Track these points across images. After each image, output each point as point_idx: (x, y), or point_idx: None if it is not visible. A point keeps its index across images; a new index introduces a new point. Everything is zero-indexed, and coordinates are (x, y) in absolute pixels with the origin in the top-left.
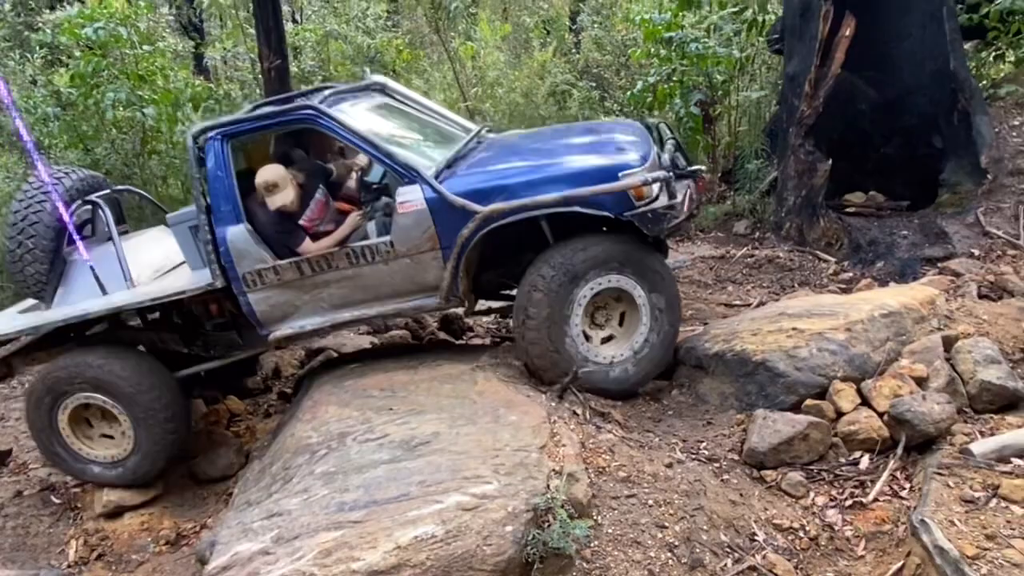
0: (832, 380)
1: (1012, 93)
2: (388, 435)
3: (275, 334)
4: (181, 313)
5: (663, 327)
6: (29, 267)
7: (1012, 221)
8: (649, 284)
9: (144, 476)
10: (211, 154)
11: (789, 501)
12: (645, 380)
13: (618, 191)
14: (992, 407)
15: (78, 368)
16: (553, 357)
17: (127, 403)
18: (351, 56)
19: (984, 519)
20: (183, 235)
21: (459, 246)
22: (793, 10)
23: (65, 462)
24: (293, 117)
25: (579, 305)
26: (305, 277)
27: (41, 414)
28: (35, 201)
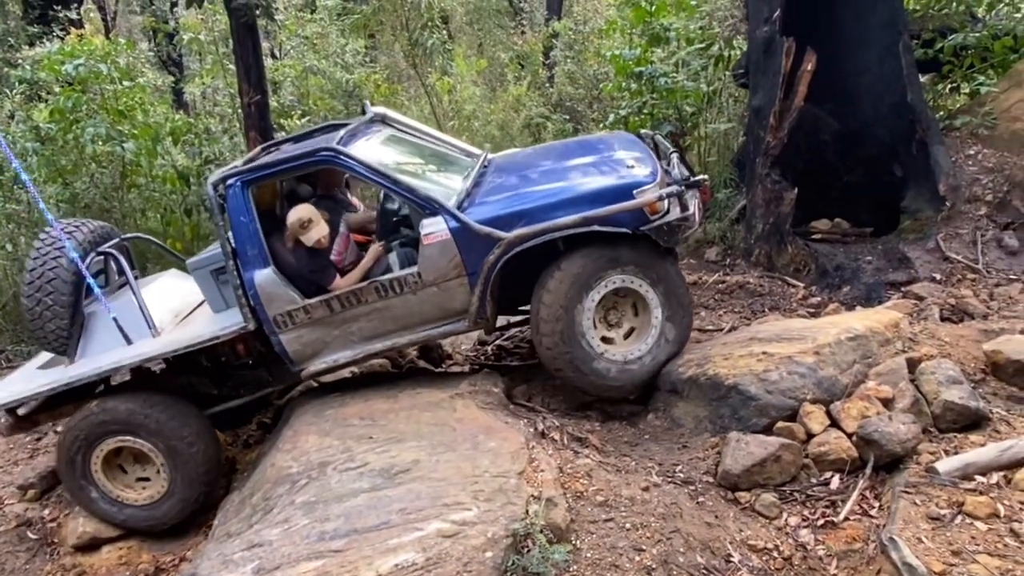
0: (802, 402)
1: (967, 124)
2: (368, 463)
3: (308, 370)
4: (209, 357)
5: (674, 321)
6: (50, 323)
7: (971, 246)
8: (655, 281)
9: (177, 517)
10: (232, 200)
11: (763, 522)
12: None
13: (635, 209)
14: (956, 426)
15: (111, 414)
16: (567, 357)
17: (162, 445)
18: (330, 91)
19: (950, 536)
20: (204, 279)
21: (486, 272)
22: (757, 46)
23: (99, 506)
24: (313, 159)
25: (592, 301)
26: (335, 314)
27: (74, 460)
28: (50, 257)
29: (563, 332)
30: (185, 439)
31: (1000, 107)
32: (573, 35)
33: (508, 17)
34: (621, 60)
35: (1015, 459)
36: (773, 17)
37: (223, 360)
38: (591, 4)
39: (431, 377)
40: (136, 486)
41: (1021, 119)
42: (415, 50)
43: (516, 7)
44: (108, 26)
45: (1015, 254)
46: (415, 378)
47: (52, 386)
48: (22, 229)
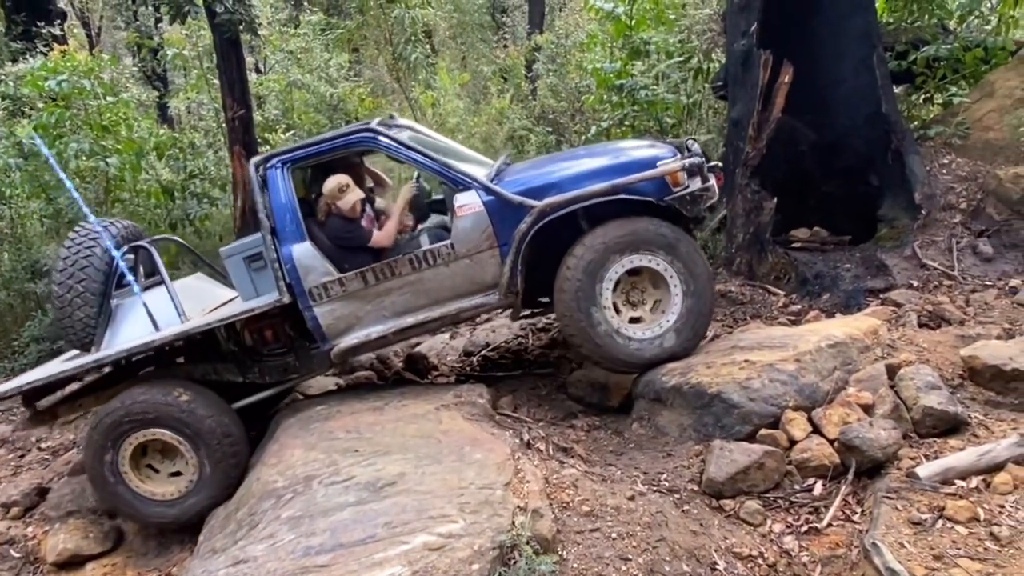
0: (784, 409)
1: (940, 133)
2: (354, 477)
3: (339, 346)
4: (237, 341)
5: (693, 303)
6: (79, 311)
7: (946, 253)
8: (677, 263)
9: (201, 514)
10: (273, 180)
11: (748, 529)
12: (682, 354)
13: (659, 177)
14: (935, 431)
15: (141, 404)
16: (586, 333)
17: (192, 436)
18: (314, 105)
19: (932, 540)
20: (236, 266)
21: (517, 241)
22: (735, 59)
23: (124, 501)
24: (353, 139)
25: (609, 280)
26: (369, 287)
27: (101, 453)
28: (84, 247)
29: (580, 302)
30: (213, 431)
31: (972, 117)
32: (555, 49)
33: (491, 31)
34: (602, 73)
35: (994, 463)
36: (750, 31)
37: (249, 348)
38: (572, 18)
39: (417, 388)
40: (162, 481)
41: (993, 129)
42: (399, 64)
43: (498, 21)
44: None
45: (990, 260)
46: (401, 389)
47: (74, 367)
48: (5, 245)
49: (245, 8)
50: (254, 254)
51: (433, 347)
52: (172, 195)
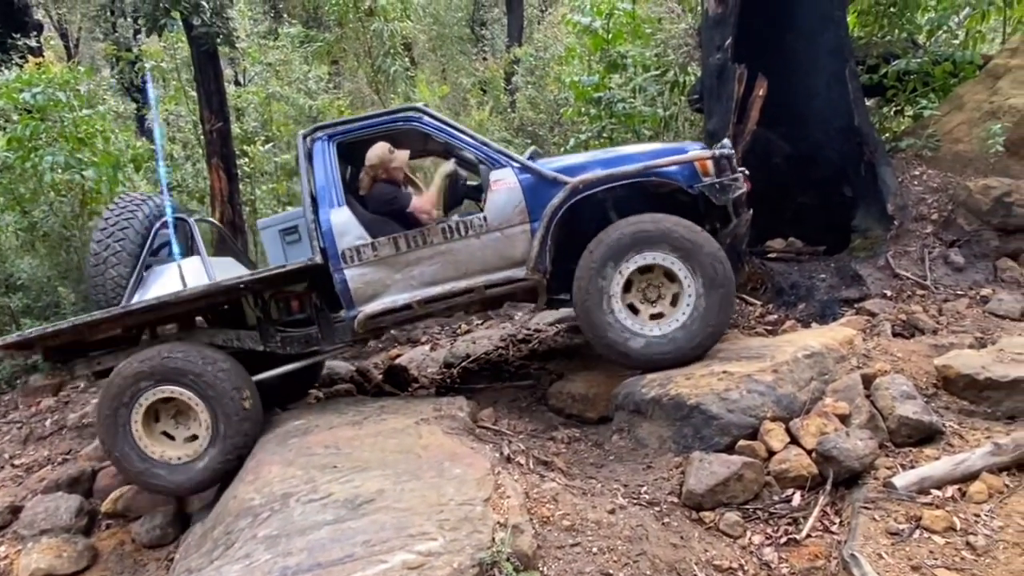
0: (762, 420)
1: (912, 145)
2: (332, 494)
3: (364, 311)
4: (263, 309)
5: (707, 302)
6: (112, 269)
7: (919, 263)
8: (691, 262)
9: (206, 482)
10: (318, 151)
11: (728, 541)
12: (692, 352)
13: (689, 162)
14: (911, 440)
15: (163, 360)
16: (596, 328)
17: (208, 398)
18: (293, 117)
19: (909, 550)
20: (271, 238)
21: (548, 216)
22: (710, 72)
23: (131, 463)
24: (398, 118)
25: (620, 276)
26: (400, 253)
27: (115, 409)
28: (127, 211)
29: (592, 297)
30: (229, 394)
31: (942, 129)
32: (534, 61)
33: (470, 44)
34: (580, 86)
35: (969, 472)
36: (725, 45)
37: (272, 319)
38: (551, 31)
39: (397, 402)
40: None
41: (962, 141)
42: (378, 76)
43: (478, 34)
44: (70, 53)
45: (961, 270)
46: (381, 403)
47: (100, 315)
48: None
49: (223, 21)
50: (289, 227)
51: (413, 359)
52: None
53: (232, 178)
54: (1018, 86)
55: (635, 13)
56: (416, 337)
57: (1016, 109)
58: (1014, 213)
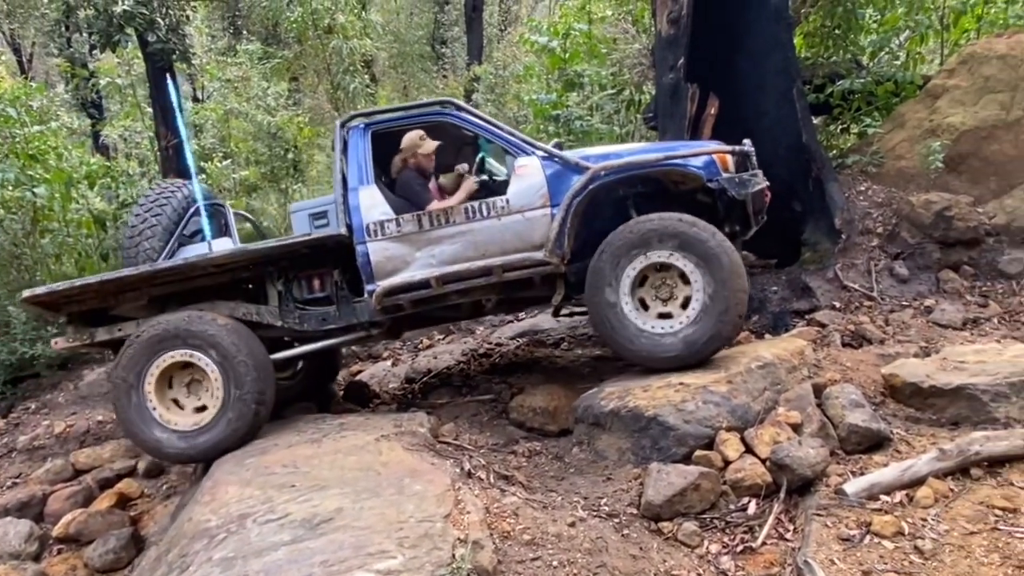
0: (718, 430)
1: (857, 162)
2: (290, 514)
3: (383, 285)
4: (285, 284)
5: (715, 302)
6: (146, 242)
7: (866, 275)
8: (702, 262)
9: (208, 453)
10: (354, 138)
11: (686, 551)
12: (698, 354)
13: (710, 155)
14: (860, 448)
15: (185, 323)
16: (605, 325)
17: (224, 366)
18: (252, 133)
19: (860, 556)
20: (301, 221)
21: (568, 199)
22: (664, 91)
23: (137, 425)
24: (433, 110)
25: (631, 272)
26: (423, 231)
27: (131, 367)
28: (168, 191)
29: (601, 294)
30: (244, 364)
31: (886, 146)
32: (494, 79)
33: (431, 61)
34: (539, 104)
35: (916, 478)
36: (678, 65)
37: (292, 295)
38: (510, 50)
39: (358, 418)
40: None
41: (905, 157)
42: (338, 93)
43: (438, 52)
44: (23, 68)
45: (906, 282)
46: (341, 420)
47: (126, 272)
48: None
49: (179, 37)
50: (320, 212)
51: (375, 375)
52: (104, 225)
53: None
54: (956, 105)
55: (591, 33)
56: (378, 353)
57: (954, 127)
58: (954, 226)
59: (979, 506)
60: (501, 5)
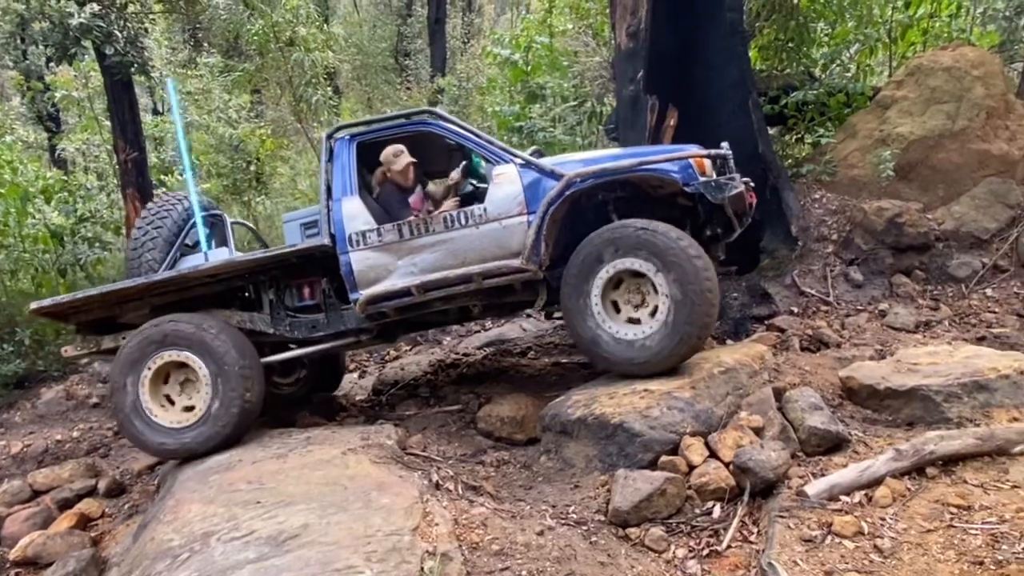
0: (683, 436)
1: (812, 171)
2: (255, 531)
3: (366, 293)
4: (276, 292)
5: (680, 310)
6: (148, 253)
7: (822, 281)
8: (666, 268)
9: (198, 449)
10: (340, 149)
11: (653, 556)
12: (667, 359)
13: (685, 159)
14: (820, 450)
15: (180, 326)
16: (577, 331)
17: (213, 366)
18: (214, 146)
19: (822, 556)
20: (292, 230)
21: (544, 206)
22: (624, 103)
23: (130, 422)
24: (413, 122)
25: (599, 279)
26: (403, 240)
27: (129, 364)
28: (169, 203)
29: (573, 299)
30: (233, 361)
31: (838, 156)
32: (457, 91)
33: (395, 73)
34: (502, 115)
35: (874, 478)
36: (637, 77)
37: (284, 303)
38: (473, 63)
39: (324, 432)
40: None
41: (857, 166)
42: (300, 105)
43: (402, 64)
44: None
45: (860, 286)
46: (307, 434)
47: (125, 284)
48: None
49: (137, 50)
50: (311, 222)
51: (342, 388)
52: (61, 240)
53: None
54: (904, 116)
55: (552, 46)
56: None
57: (903, 137)
58: (905, 232)
59: (935, 504)
60: (464, 18)
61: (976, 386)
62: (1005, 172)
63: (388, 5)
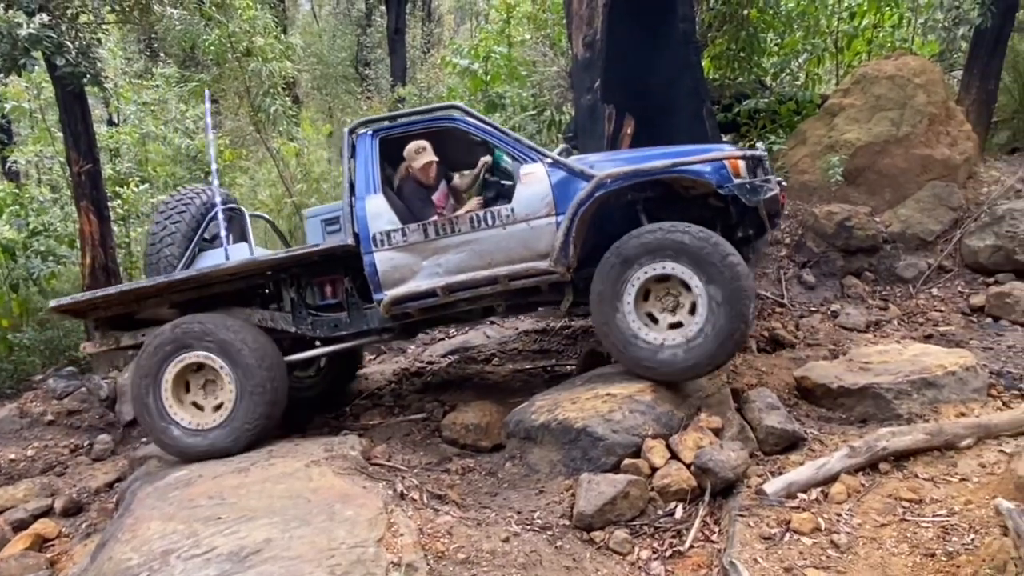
0: (644, 438)
1: None
2: (216, 548)
3: (390, 294)
4: (298, 291)
5: (719, 320)
6: (167, 248)
7: (777, 283)
8: (707, 276)
9: (223, 451)
10: (361, 145)
11: (617, 559)
12: (695, 370)
13: (720, 160)
14: (778, 448)
15: (207, 326)
16: (604, 330)
17: (239, 368)
18: (171, 157)
19: (781, 553)
20: (314, 227)
21: (573, 208)
22: (583, 112)
23: (152, 417)
24: (438, 117)
25: (632, 286)
26: (428, 240)
27: (153, 363)
28: (187, 198)
29: (604, 307)
30: (255, 360)
31: (790, 162)
32: (418, 100)
33: (355, 83)
34: None
35: (829, 475)
36: (594, 87)
37: (306, 302)
38: (433, 72)
39: (287, 444)
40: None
41: (807, 172)
42: (258, 115)
43: (362, 74)
44: None
45: (813, 288)
46: (270, 447)
47: (146, 282)
48: None
49: (89, 61)
50: (332, 218)
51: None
52: (13, 254)
53: (104, 220)
54: (851, 123)
55: (511, 56)
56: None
57: (851, 143)
58: (855, 235)
59: (888, 499)
60: (423, 28)
61: (924, 383)
62: (947, 176)
63: (348, 15)
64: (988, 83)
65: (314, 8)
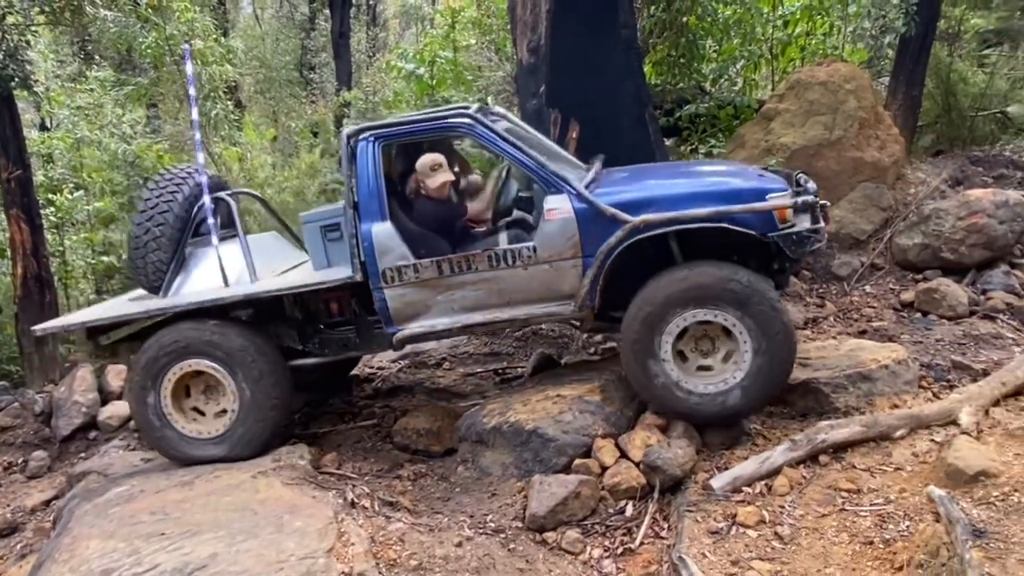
0: (594, 438)
1: None
2: (159, 565)
3: (403, 332)
4: (302, 309)
5: (764, 357)
6: (152, 255)
7: None
8: (750, 318)
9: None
10: (362, 154)
11: (570, 559)
12: (744, 411)
13: (767, 211)
14: (723, 445)
15: (203, 335)
16: (641, 380)
17: (241, 377)
18: (107, 162)
19: (728, 547)
20: (312, 233)
21: (604, 254)
22: (528, 116)
23: (152, 426)
24: (449, 124)
25: (669, 333)
26: (443, 277)
27: (150, 372)
28: (168, 192)
29: (638, 353)
30: (259, 369)
31: None
32: (364, 104)
33: (299, 87)
34: None
35: (772, 468)
36: (540, 91)
37: (312, 318)
38: (379, 76)
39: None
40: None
41: None
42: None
43: (307, 78)
44: None
45: None
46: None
47: (141, 311)
48: None
49: (18, 63)
50: (332, 224)
51: None
52: None
53: (36, 229)
54: (787, 127)
55: (457, 61)
56: None
57: (787, 146)
58: None
59: (828, 490)
60: (368, 32)
61: (860, 377)
62: (877, 177)
63: (291, 19)
64: (913, 89)
65: (256, 11)
